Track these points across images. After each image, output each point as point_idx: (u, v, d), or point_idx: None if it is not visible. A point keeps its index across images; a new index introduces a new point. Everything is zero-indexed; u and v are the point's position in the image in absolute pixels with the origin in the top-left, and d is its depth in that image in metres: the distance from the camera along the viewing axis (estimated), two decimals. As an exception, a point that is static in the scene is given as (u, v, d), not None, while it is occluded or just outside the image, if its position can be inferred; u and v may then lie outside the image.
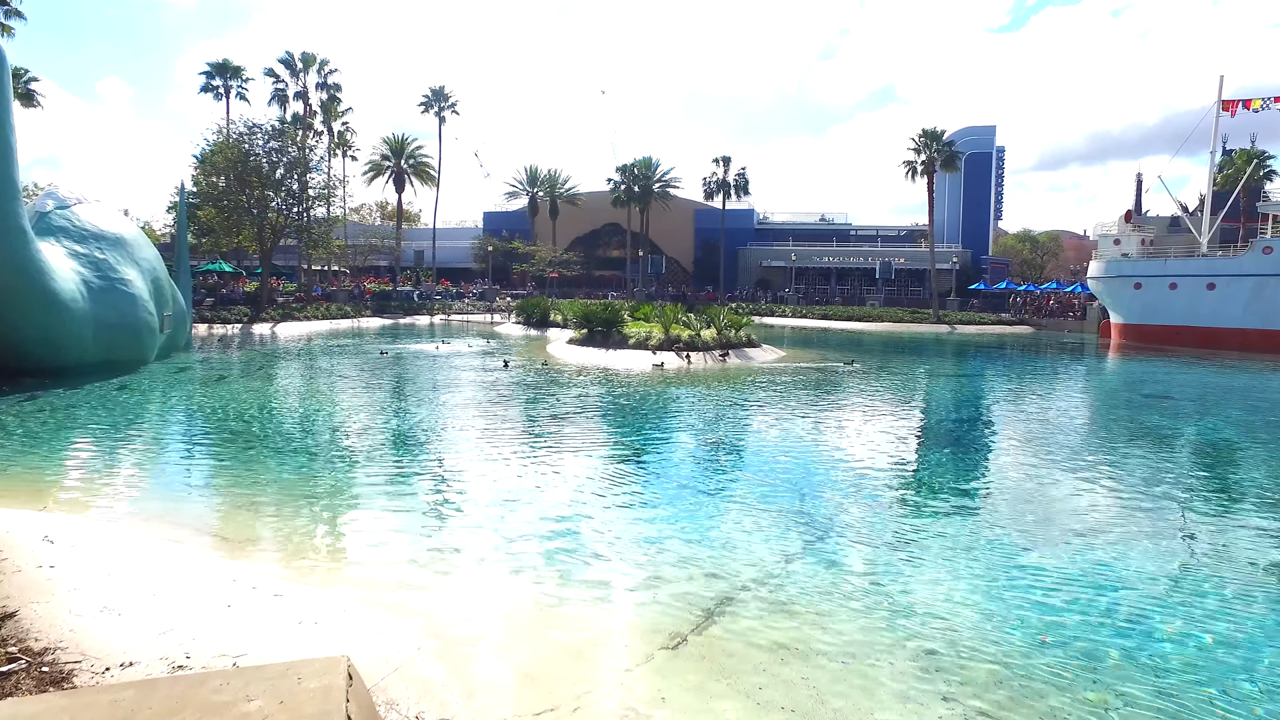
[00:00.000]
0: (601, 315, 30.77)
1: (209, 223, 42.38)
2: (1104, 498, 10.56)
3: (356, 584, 6.80)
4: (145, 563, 6.68)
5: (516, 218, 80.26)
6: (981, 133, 74.43)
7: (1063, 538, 8.70)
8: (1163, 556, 8.16)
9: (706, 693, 5.18)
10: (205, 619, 5.46)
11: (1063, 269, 76.31)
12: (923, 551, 8.11)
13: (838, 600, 6.79)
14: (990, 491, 10.93)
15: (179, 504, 9.24)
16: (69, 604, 5.48)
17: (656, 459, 12.42)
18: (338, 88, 59.15)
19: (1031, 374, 28.49)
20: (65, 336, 19.37)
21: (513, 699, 4.95)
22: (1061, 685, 5.41)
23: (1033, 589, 7.19)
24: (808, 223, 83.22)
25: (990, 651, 5.90)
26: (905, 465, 12.59)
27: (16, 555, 6.31)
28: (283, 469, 11.06)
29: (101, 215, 22.85)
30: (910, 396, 21.23)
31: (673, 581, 7.10)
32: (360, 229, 71.62)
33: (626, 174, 71.70)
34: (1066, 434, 15.57)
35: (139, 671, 4.61)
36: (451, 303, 62.22)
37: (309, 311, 45.85)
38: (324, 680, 3.99)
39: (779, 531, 8.63)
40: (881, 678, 5.45)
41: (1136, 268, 44.39)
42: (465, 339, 37.80)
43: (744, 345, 29.26)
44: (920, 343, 42.92)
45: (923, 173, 57.72)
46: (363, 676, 4.57)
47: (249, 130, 42.26)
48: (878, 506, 9.85)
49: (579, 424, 15.14)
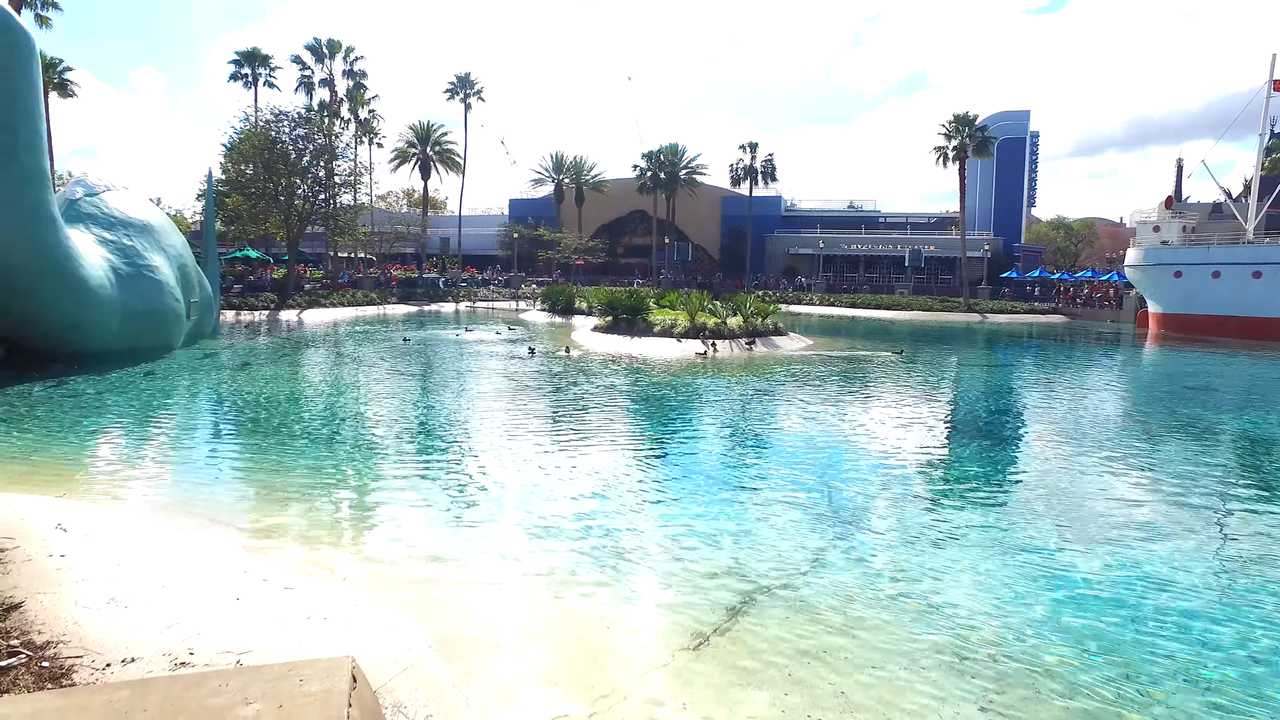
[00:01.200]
0: (627, 303, 30.53)
1: (236, 210, 42.69)
2: (1143, 494, 10.10)
3: (370, 577, 6.64)
4: (157, 553, 6.57)
5: (542, 205, 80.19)
6: (1015, 117, 72.74)
7: (1101, 537, 8.29)
8: (1205, 557, 7.73)
9: (729, 696, 4.93)
10: (212, 612, 5.31)
11: (1098, 257, 74.48)
12: (955, 550, 7.76)
13: (865, 600, 6.48)
14: (1025, 487, 10.50)
15: (196, 492, 9.16)
16: (76, 595, 5.37)
17: (681, 451, 12.15)
18: (363, 74, 59.24)
19: (1066, 365, 27.71)
20: (93, 323, 19.56)
21: (527, 702, 4.74)
22: (1103, 698, 5.07)
23: (1071, 590, 6.82)
24: (835, 210, 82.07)
25: (1026, 657, 5.57)
26: (936, 459, 12.19)
27: (28, 544, 6.23)
28: (303, 458, 10.98)
29: (129, 202, 23.03)
30: (941, 387, 20.71)
31: (695, 579, 6.84)
32: (386, 216, 71.92)
33: (652, 161, 71.10)
34: (1103, 427, 15.02)
35: (140, 669, 4.47)
36: (477, 290, 62.32)
37: (335, 298, 46.11)
38: (326, 683, 3.80)
39: (806, 527, 8.32)
40: (911, 683, 5.16)
41: (1177, 255, 43.03)
42: (491, 326, 37.77)
43: (771, 333, 28.84)
44: (950, 332, 42.07)
45: (954, 159, 56.46)
46: (370, 676, 4.38)
47: (276, 118, 42.44)
48: (907, 502, 9.50)
49: (603, 414, 14.92)
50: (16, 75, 17.30)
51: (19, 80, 17.37)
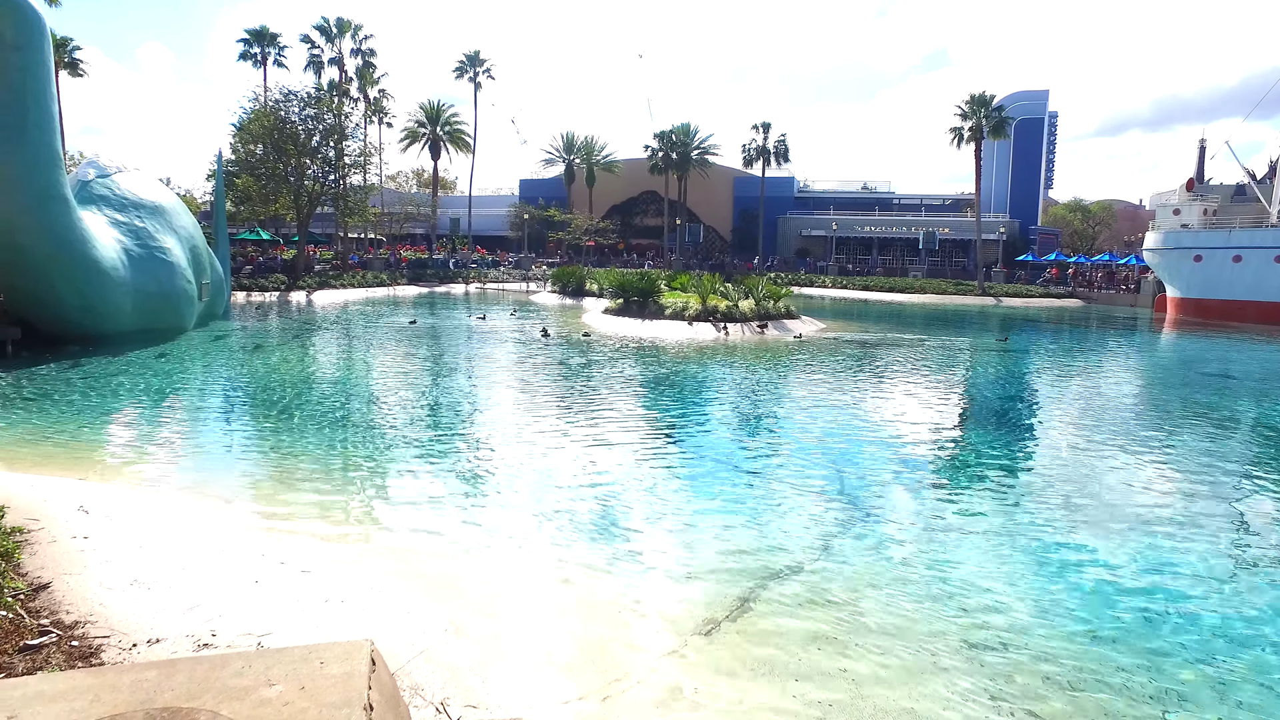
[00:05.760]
0: (638, 285, 30.45)
1: (246, 190, 42.76)
2: (1160, 482, 10.06)
3: (386, 561, 6.71)
4: (176, 535, 6.68)
5: (552, 185, 79.78)
6: (1033, 97, 71.51)
7: (1117, 525, 8.27)
8: (1222, 546, 7.71)
9: (741, 682, 4.98)
10: (232, 595, 5.40)
11: (1116, 240, 73.50)
12: (969, 537, 7.77)
13: (879, 588, 6.51)
14: (1040, 474, 10.48)
15: (212, 474, 9.27)
16: (100, 577, 5.46)
17: (693, 435, 12.18)
18: (372, 53, 58.93)
19: (1083, 350, 27.51)
20: (106, 304, 19.71)
21: (541, 686, 4.80)
22: (1116, 685, 5.09)
23: (1085, 578, 6.83)
24: (849, 191, 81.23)
25: (1040, 646, 5.59)
26: (951, 445, 12.16)
27: (53, 525, 6.33)
28: (317, 440, 11.08)
29: (141, 184, 23.11)
30: (955, 372, 20.61)
31: (708, 564, 6.89)
32: (396, 197, 71.82)
33: (664, 141, 70.51)
34: (1119, 414, 14.93)
35: (165, 649, 4.56)
36: (487, 271, 62.28)
37: (345, 279, 46.23)
38: (346, 666, 3.87)
39: (819, 513, 8.35)
40: (924, 671, 5.19)
41: (1197, 239, 42.40)
42: (501, 308, 37.82)
43: (783, 317, 28.74)
44: (964, 316, 41.79)
45: (969, 140, 55.66)
46: (387, 659, 4.45)
47: (285, 98, 42.36)
48: (922, 488, 9.50)
49: (616, 398, 14.95)
50: (28, 55, 17.31)
51: (30, 60, 17.38)
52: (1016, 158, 71.48)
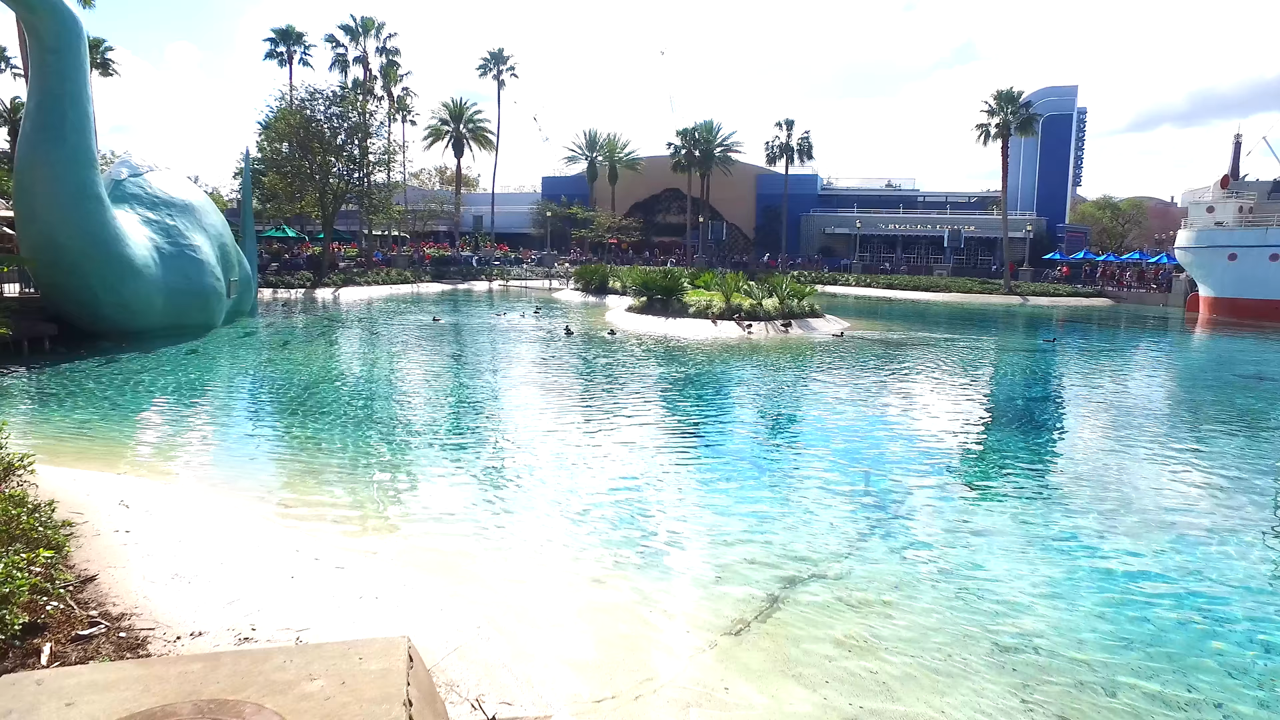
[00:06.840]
0: (661, 283, 30.43)
1: (273, 188, 43.32)
2: (1196, 487, 9.89)
3: (418, 558, 6.81)
4: (213, 530, 6.82)
5: (575, 183, 79.93)
6: (1062, 93, 70.38)
7: (1148, 528, 8.17)
8: (1260, 552, 7.57)
9: (771, 684, 4.99)
10: (270, 590, 5.51)
11: (1146, 238, 72.14)
12: (999, 540, 7.70)
13: (908, 589, 6.49)
14: (1070, 476, 10.35)
15: (245, 470, 9.45)
16: (143, 570, 5.60)
17: (720, 435, 12.18)
18: (396, 52, 59.43)
19: (1111, 350, 27.09)
20: (138, 302, 20.08)
21: (573, 685, 4.85)
22: (1150, 693, 5.03)
23: (1116, 583, 6.75)
24: (873, 189, 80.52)
25: (1071, 651, 5.54)
26: (979, 446, 12.06)
27: (96, 519, 6.49)
28: (347, 437, 11.23)
29: (171, 182, 23.51)
30: (981, 371, 20.40)
31: (737, 564, 6.91)
32: (420, 194, 72.37)
33: (686, 138, 70.35)
34: (1150, 416, 14.70)
35: (207, 642, 4.67)
36: (510, 268, 62.56)
37: (370, 277, 46.69)
38: (384, 662, 3.94)
39: (847, 514, 8.32)
40: (954, 674, 5.17)
41: (1232, 237, 41.50)
42: (524, 305, 38.01)
43: (807, 315, 28.59)
44: (990, 315, 41.30)
45: (996, 136, 54.92)
46: (422, 655, 4.52)
47: (311, 96, 42.85)
48: (951, 489, 9.43)
49: (641, 397, 14.98)
50: (65, 58, 17.69)
51: (67, 63, 17.76)
52: (1044, 154, 70.44)
